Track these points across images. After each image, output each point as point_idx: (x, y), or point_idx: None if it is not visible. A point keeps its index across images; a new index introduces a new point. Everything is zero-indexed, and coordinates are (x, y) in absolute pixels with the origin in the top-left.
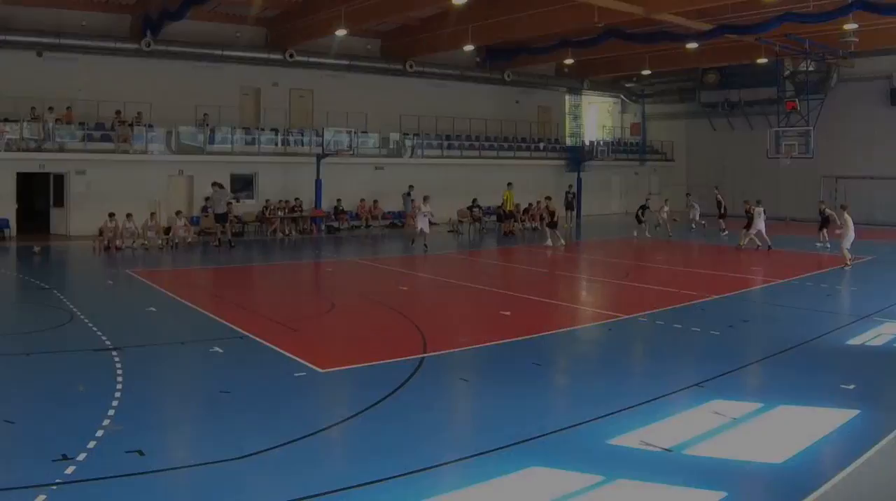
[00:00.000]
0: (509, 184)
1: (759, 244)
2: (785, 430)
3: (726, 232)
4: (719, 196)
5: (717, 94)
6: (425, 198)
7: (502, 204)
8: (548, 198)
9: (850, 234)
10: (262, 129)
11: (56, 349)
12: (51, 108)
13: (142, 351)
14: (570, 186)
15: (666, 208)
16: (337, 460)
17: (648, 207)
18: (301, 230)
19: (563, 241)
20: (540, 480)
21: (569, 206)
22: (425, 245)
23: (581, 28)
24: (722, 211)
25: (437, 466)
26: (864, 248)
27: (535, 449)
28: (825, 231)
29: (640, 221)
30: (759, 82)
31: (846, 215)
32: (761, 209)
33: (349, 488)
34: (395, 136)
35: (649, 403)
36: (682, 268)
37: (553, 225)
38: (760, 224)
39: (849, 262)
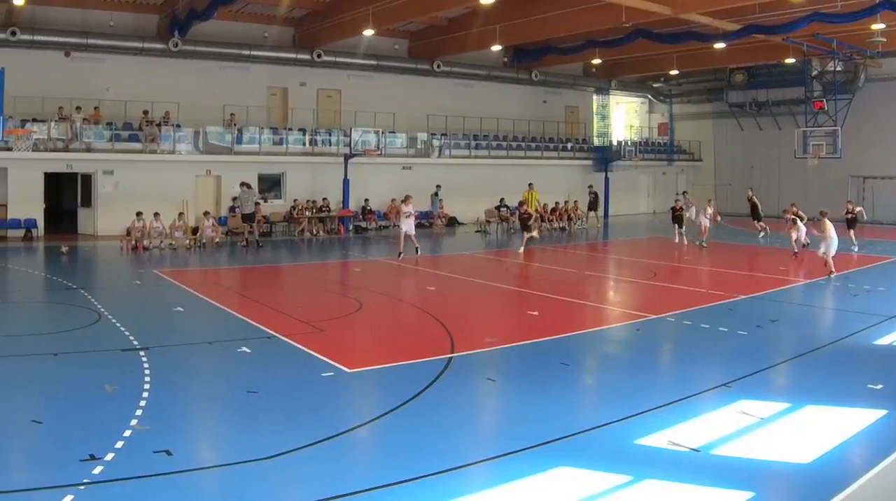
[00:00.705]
0: (530, 184)
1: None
2: (812, 430)
3: (763, 233)
4: (754, 198)
5: (744, 94)
6: (406, 198)
7: (523, 204)
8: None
9: (832, 242)
10: (290, 129)
11: (84, 349)
12: (78, 108)
13: (169, 351)
14: (591, 186)
15: (710, 209)
16: (364, 460)
17: (681, 209)
18: (329, 230)
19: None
20: (567, 480)
21: (591, 206)
22: (417, 248)
23: (609, 28)
24: (757, 212)
25: (464, 466)
26: (893, 249)
27: (562, 449)
28: (853, 231)
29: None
30: (786, 82)
31: (826, 221)
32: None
33: (376, 488)
34: (422, 136)
35: (677, 403)
36: (710, 268)
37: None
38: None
39: (833, 271)
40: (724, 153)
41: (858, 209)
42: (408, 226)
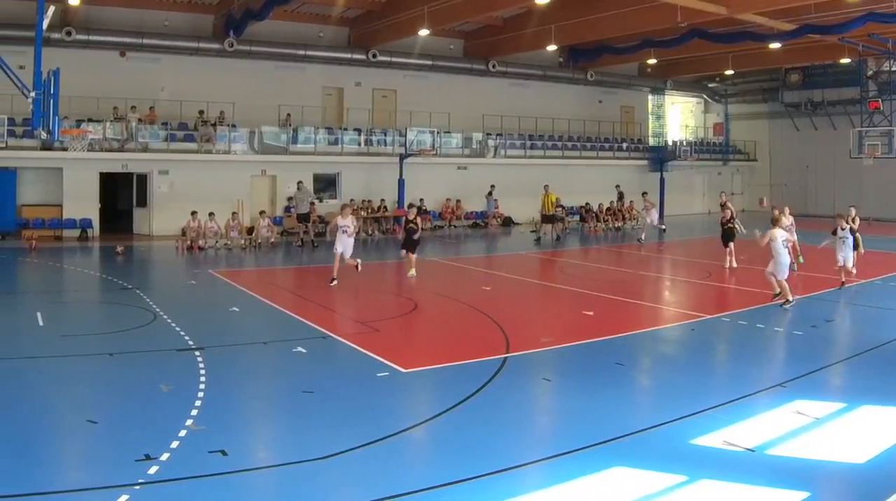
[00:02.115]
0: (546, 185)
1: None
2: (868, 430)
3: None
4: (729, 204)
5: (799, 94)
6: (344, 208)
7: (543, 207)
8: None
9: (781, 259)
10: (345, 129)
11: (139, 349)
12: (133, 108)
13: (225, 351)
14: (618, 186)
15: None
16: (419, 460)
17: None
18: (384, 230)
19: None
20: (622, 480)
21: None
22: (357, 266)
23: (664, 28)
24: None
25: (519, 466)
26: None
27: (617, 449)
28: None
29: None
30: (841, 82)
31: (775, 230)
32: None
33: (431, 488)
34: (477, 136)
35: (732, 403)
36: (765, 268)
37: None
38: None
39: (790, 298)
40: (779, 153)
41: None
42: (344, 244)
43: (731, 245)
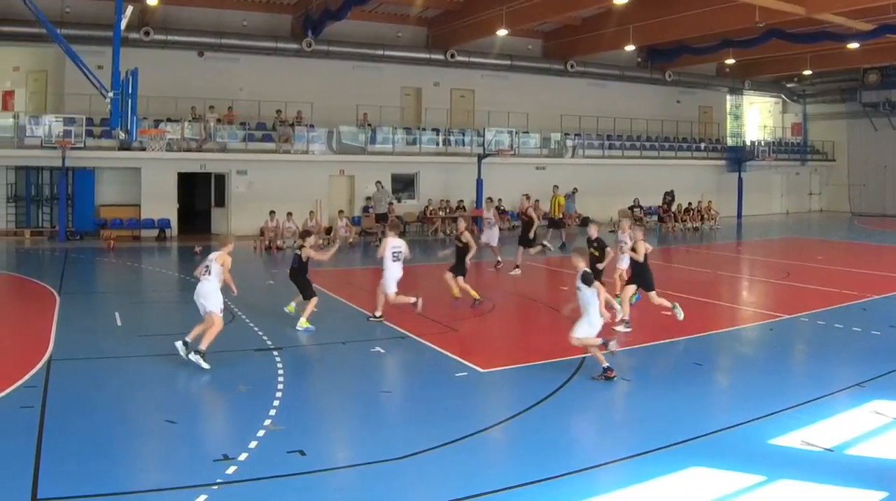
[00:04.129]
0: (556, 186)
1: None
2: None
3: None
4: (531, 211)
5: (878, 94)
6: (392, 225)
7: (550, 210)
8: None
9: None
10: (424, 129)
11: (217, 349)
12: (211, 108)
13: (303, 351)
14: (670, 192)
15: None
16: (497, 460)
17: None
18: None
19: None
20: (700, 480)
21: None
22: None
23: (742, 28)
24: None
25: (596, 466)
26: None
27: (695, 450)
28: None
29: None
30: None
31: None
32: None
33: (509, 488)
34: (556, 136)
35: (810, 403)
36: (843, 268)
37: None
38: None
39: (613, 331)
40: (857, 153)
41: None
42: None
43: (528, 250)
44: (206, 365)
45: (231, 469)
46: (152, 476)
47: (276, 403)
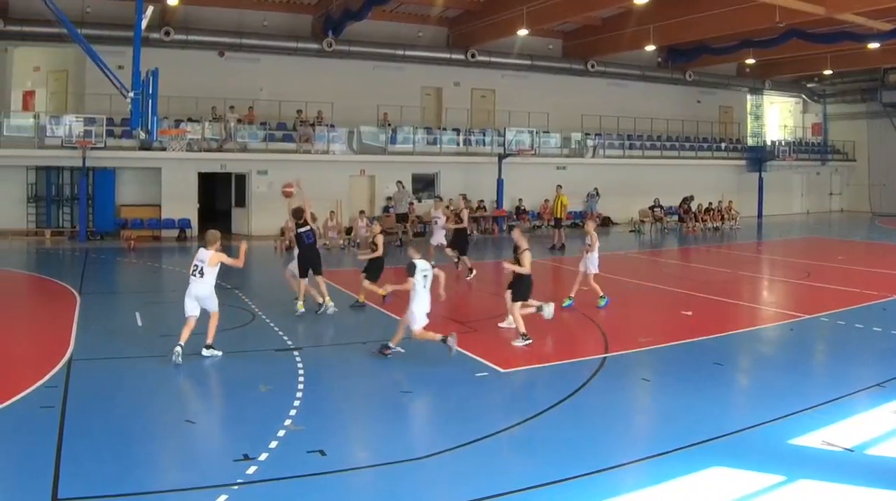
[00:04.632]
0: (559, 186)
1: None
2: None
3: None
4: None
5: None
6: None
7: (551, 210)
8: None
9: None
10: (444, 129)
11: (238, 349)
12: (232, 108)
13: (323, 351)
14: (688, 198)
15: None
16: (517, 460)
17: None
18: (483, 230)
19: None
20: (721, 480)
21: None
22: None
23: (763, 28)
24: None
25: (617, 466)
26: None
27: (716, 449)
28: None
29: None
30: None
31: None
32: None
33: (529, 489)
34: (576, 136)
35: (830, 403)
36: (863, 268)
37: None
38: None
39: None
40: (878, 153)
41: None
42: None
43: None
44: (219, 352)
45: (251, 469)
46: (172, 476)
47: (296, 403)
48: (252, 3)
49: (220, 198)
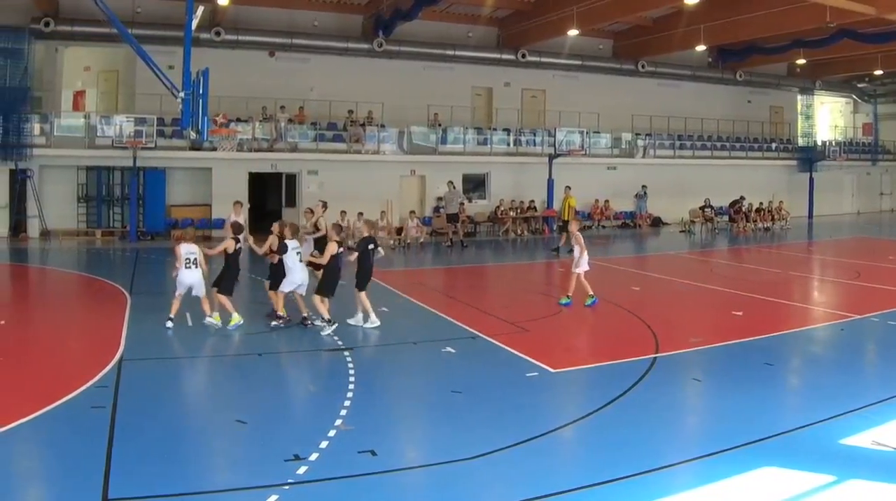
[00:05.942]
0: (568, 187)
1: None
2: None
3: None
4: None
5: None
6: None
7: (560, 212)
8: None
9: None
10: (494, 129)
11: (288, 349)
12: (282, 108)
13: (374, 351)
14: (738, 200)
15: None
16: (568, 460)
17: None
18: (533, 230)
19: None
20: (771, 481)
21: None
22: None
23: (813, 28)
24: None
25: (668, 466)
26: None
27: (766, 450)
28: None
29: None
30: None
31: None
32: None
33: (580, 489)
34: (627, 136)
35: (881, 403)
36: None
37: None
38: None
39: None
40: None
41: None
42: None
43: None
44: (217, 322)
45: (302, 470)
46: (223, 476)
47: (346, 403)
48: (302, 4)
49: (270, 198)
